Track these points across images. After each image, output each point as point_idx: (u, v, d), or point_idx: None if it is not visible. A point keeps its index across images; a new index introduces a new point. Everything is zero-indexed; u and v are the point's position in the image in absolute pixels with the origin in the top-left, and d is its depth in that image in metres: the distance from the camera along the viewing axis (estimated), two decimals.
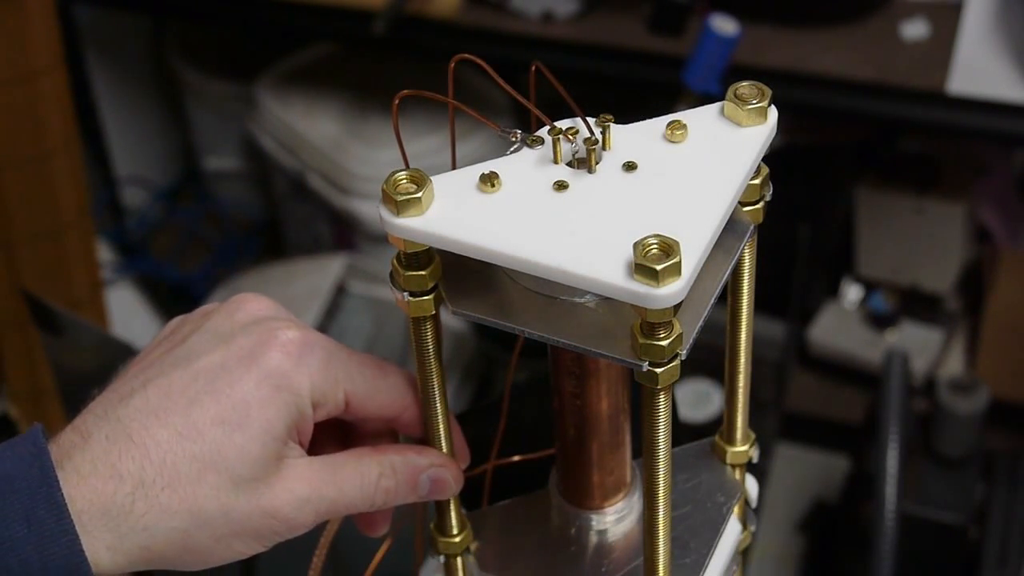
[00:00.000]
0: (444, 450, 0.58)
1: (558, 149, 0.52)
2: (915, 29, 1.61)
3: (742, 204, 0.53)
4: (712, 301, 0.50)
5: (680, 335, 0.47)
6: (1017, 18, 1.58)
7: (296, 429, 0.54)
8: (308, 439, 0.55)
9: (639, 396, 0.50)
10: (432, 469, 0.58)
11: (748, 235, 0.54)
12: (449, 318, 0.55)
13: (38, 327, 1.28)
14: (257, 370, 0.53)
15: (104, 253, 1.95)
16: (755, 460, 0.64)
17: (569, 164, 0.52)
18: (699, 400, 1.67)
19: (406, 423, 0.59)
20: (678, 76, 1.55)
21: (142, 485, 0.51)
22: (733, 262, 0.52)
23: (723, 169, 0.51)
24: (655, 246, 0.46)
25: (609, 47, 1.66)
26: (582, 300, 0.50)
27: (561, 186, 0.51)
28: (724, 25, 1.54)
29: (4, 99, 1.45)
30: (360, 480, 0.55)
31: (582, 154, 0.52)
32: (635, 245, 0.46)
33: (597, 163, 0.51)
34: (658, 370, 0.47)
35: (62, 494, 0.49)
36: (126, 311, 1.98)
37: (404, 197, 0.49)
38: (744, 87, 0.53)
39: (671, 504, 0.53)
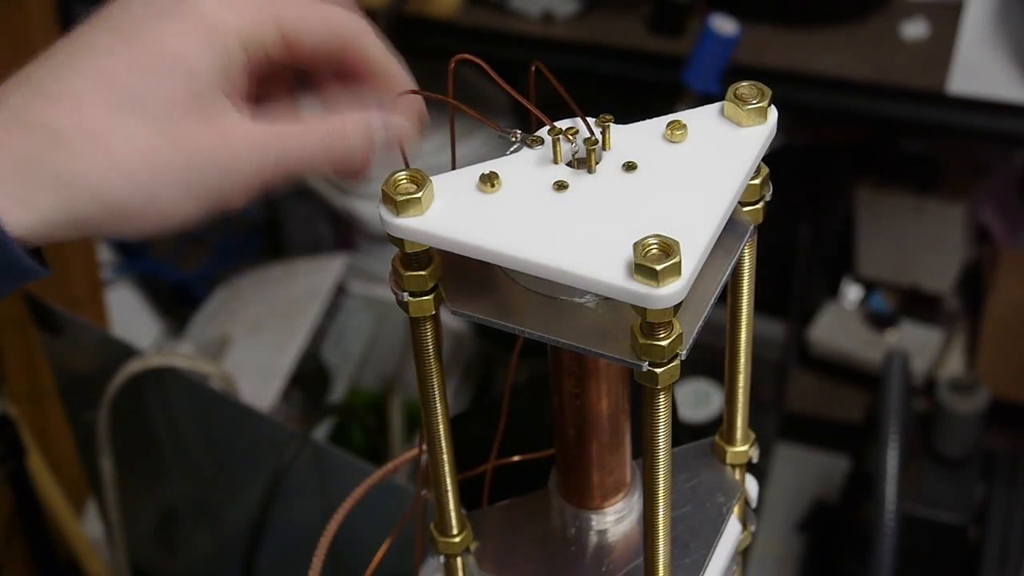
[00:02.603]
0: (446, 456, 0.58)
1: (558, 149, 0.52)
2: (915, 29, 1.62)
3: (742, 204, 0.53)
4: (712, 301, 0.50)
5: (680, 335, 0.47)
6: (1017, 18, 1.58)
7: (228, 79, 0.51)
8: (242, 91, 0.52)
9: (639, 396, 0.50)
10: (382, 115, 0.54)
11: (748, 235, 0.54)
12: (449, 318, 0.55)
13: (38, 327, 1.28)
14: (181, 16, 0.50)
15: (104, 253, 1.95)
16: (755, 460, 0.64)
17: (569, 164, 0.52)
18: (699, 400, 1.67)
19: (355, 57, 0.54)
20: (678, 76, 1.55)
21: (55, 134, 0.48)
22: (733, 262, 0.52)
23: (723, 169, 0.51)
24: (655, 246, 0.46)
25: (609, 47, 1.66)
26: (582, 300, 0.50)
27: (561, 186, 0.51)
28: (724, 25, 1.54)
29: None
30: (305, 128, 0.52)
31: (582, 154, 0.52)
32: (635, 245, 0.46)
33: (597, 163, 0.51)
34: (658, 370, 0.47)
35: None
36: (126, 311, 1.98)
37: (404, 197, 0.49)
38: (744, 87, 0.53)
39: (671, 504, 0.53)
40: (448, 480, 0.59)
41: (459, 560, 0.61)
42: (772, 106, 0.53)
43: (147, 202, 0.49)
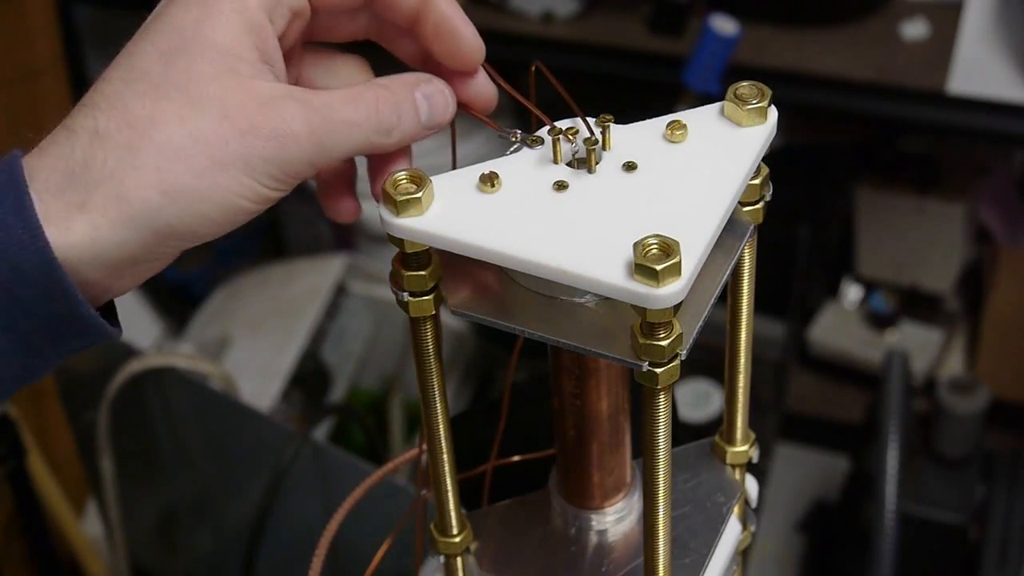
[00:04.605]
0: (446, 456, 0.58)
1: (558, 149, 0.52)
2: (915, 29, 1.62)
3: (742, 204, 0.53)
4: (712, 301, 0.50)
5: (680, 335, 0.47)
6: (1017, 18, 1.58)
7: (264, 52, 0.50)
8: (278, 57, 0.51)
9: (639, 396, 0.50)
10: (423, 85, 0.53)
11: (748, 235, 0.54)
12: (449, 318, 0.55)
13: None
14: (202, 3, 0.50)
15: None
16: (755, 460, 0.64)
17: (569, 164, 0.52)
18: (699, 400, 1.67)
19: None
20: (678, 76, 1.55)
21: (96, 134, 0.47)
22: (733, 262, 0.52)
23: (723, 169, 0.51)
24: (655, 246, 0.46)
25: (609, 47, 1.66)
26: (582, 300, 0.50)
27: (561, 186, 0.51)
28: (724, 25, 1.54)
29: (4, 99, 1.45)
30: (354, 95, 0.51)
31: (582, 154, 0.52)
32: (635, 245, 0.46)
33: (597, 163, 0.51)
34: (658, 370, 0.47)
35: (28, 195, 0.46)
36: (126, 311, 1.97)
37: (404, 197, 0.49)
38: (744, 87, 0.53)
39: (671, 504, 0.53)
40: (448, 480, 0.59)
41: (459, 560, 0.61)
42: (772, 106, 0.53)
43: (202, 182, 0.48)
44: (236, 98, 0.48)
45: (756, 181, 0.53)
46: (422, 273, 0.51)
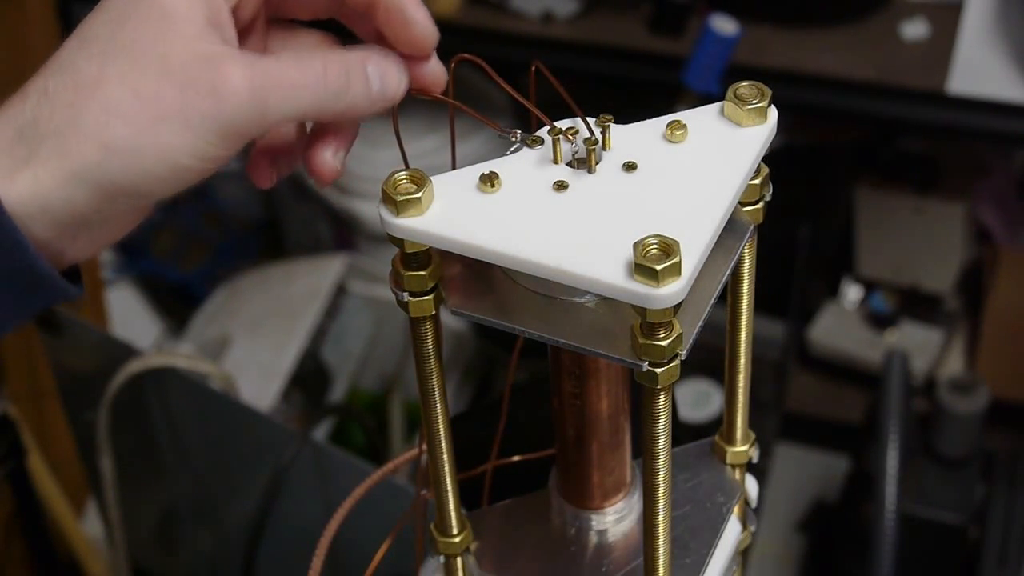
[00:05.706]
0: (446, 456, 0.58)
1: (558, 149, 0.52)
2: (915, 29, 1.62)
3: (742, 204, 0.53)
4: (712, 301, 0.50)
5: (680, 335, 0.47)
6: (1017, 18, 1.58)
7: (217, 21, 0.51)
8: (229, 25, 0.52)
9: (639, 396, 0.50)
10: (376, 58, 0.53)
11: (748, 235, 0.54)
12: (449, 318, 0.55)
13: (38, 327, 1.28)
14: None
15: (104, 253, 1.95)
16: (755, 460, 0.64)
17: (569, 164, 0.52)
18: (699, 400, 1.67)
19: None
20: (678, 76, 1.55)
21: (46, 94, 0.49)
22: (733, 262, 0.52)
23: (723, 169, 0.51)
24: (655, 246, 0.46)
25: (609, 47, 1.66)
26: (582, 300, 0.50)
27: (561, 186, 0.51)
28: (724, 25, 1.54)
29: (4, 99, 1.44)
30: (301, 59, 0.51)
31: (582, 154, 0.52)
32: (635, 245, 0.46)
33: (597, 163, 0.51)
34: (658, 370, 0.47)
35: None
36: (126, 311, 1.98)
37: (404, 197, 0.49)
38: (744, 87, 0.53)
39: (671, 504, 0.53)
40: (448, 480, 0.59)
41: (459, 560, 0.61)
42: (772, 106, 0.53)
43: (153, 143, 0.48)
44: (178, 56, 0.49)
45: (756, 181, 0.53)
46: (422, 273, 0.51)
